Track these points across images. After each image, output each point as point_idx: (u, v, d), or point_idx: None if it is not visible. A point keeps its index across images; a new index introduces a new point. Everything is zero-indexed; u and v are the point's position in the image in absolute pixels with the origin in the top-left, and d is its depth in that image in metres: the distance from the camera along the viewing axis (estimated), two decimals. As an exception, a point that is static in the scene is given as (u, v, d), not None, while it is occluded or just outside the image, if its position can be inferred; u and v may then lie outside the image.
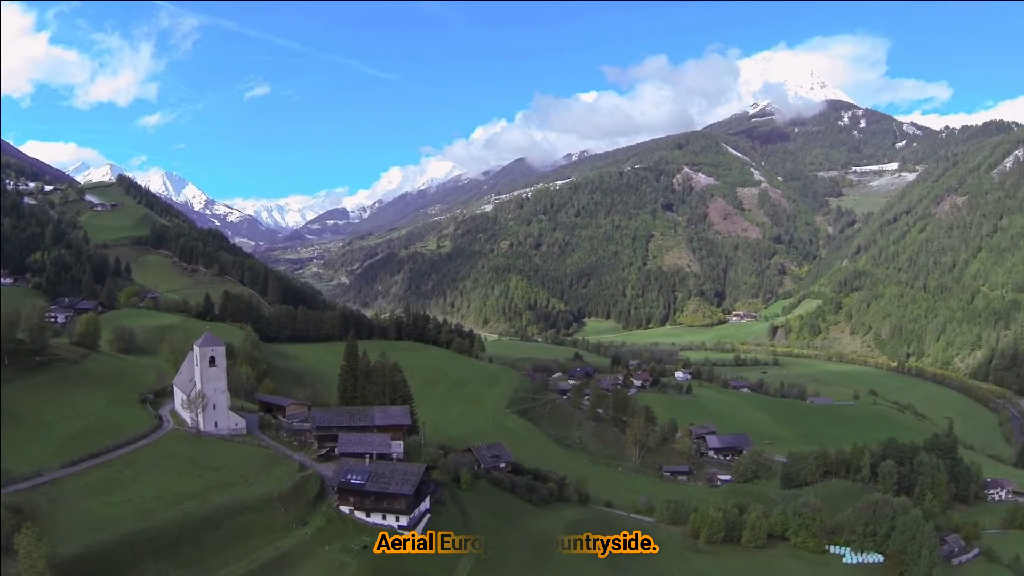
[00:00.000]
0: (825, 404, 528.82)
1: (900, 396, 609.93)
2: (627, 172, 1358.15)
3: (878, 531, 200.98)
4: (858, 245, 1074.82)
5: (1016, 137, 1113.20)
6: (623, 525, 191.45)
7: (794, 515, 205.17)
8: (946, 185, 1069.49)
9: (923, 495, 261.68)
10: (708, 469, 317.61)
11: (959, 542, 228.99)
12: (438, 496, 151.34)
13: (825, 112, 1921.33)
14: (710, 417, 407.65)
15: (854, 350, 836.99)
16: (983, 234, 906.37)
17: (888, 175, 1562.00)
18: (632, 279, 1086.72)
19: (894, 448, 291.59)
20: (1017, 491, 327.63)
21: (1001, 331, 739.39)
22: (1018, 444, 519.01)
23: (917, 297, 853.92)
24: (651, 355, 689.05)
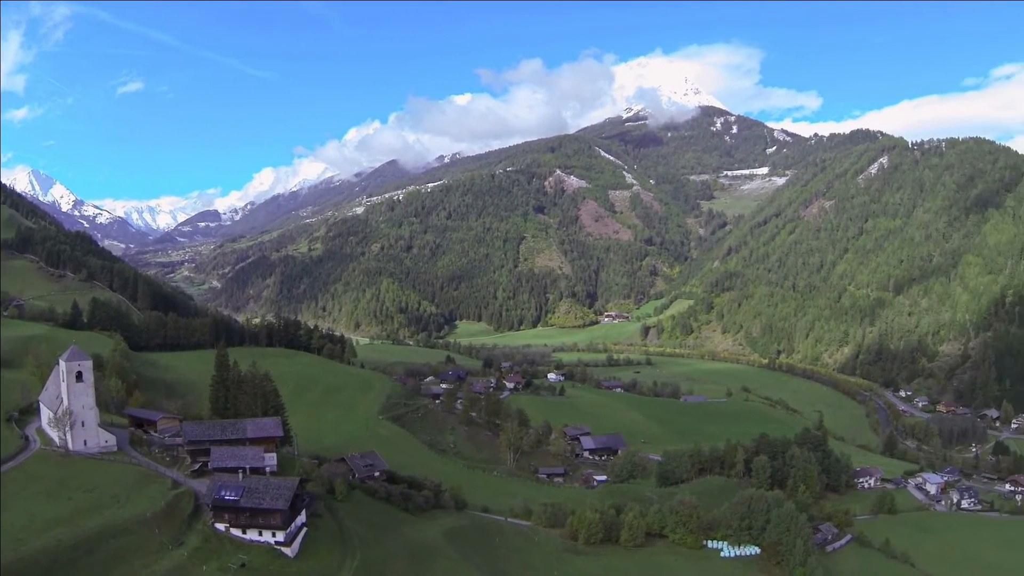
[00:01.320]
0: (699, 402, 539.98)
1: (772, 392, 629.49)
2: (499, 175, 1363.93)
3: (754, 524, 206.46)
4: (729, 247, 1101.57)
5: (881, 145, 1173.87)
6: (501, 530, 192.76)
7: (671, 513, 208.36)
8: (814, 189, 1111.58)
9: (796, 487, 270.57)
10: (584, 470, 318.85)
11: (832, 530, 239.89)
12: (314, 509, 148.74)
13: (698, 118, 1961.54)
14: (584, 418, 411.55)
15: (726, 348, 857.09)
16: (849, 236, 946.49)
17: (759, 179, 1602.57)
18: (503, 281, 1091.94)
19: (767, 443, 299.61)
20: (885, 478, 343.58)
21: (867, 327, 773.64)
22: (884, 434, 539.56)
23: (787, 296, 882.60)
24: (523, 357, 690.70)
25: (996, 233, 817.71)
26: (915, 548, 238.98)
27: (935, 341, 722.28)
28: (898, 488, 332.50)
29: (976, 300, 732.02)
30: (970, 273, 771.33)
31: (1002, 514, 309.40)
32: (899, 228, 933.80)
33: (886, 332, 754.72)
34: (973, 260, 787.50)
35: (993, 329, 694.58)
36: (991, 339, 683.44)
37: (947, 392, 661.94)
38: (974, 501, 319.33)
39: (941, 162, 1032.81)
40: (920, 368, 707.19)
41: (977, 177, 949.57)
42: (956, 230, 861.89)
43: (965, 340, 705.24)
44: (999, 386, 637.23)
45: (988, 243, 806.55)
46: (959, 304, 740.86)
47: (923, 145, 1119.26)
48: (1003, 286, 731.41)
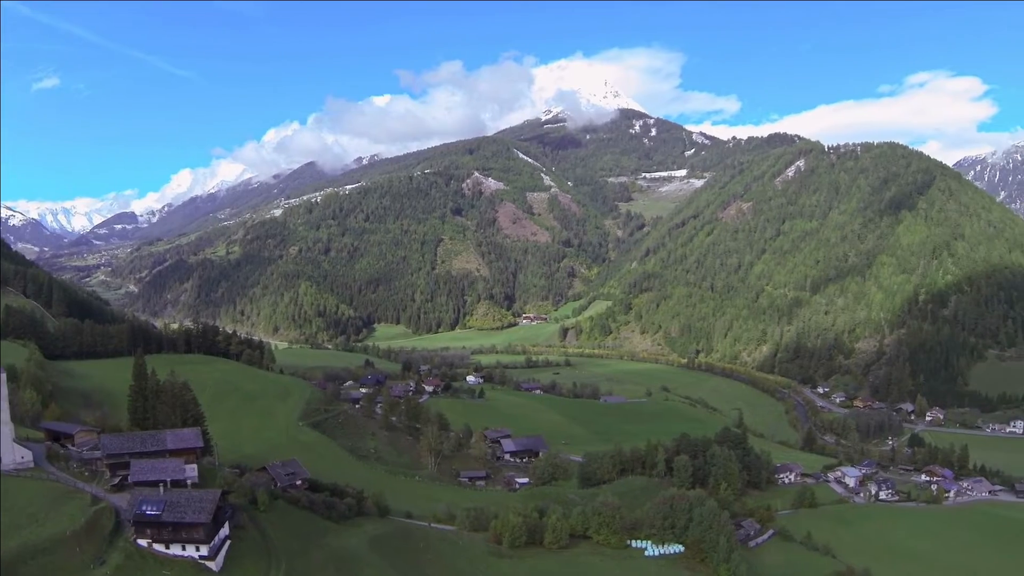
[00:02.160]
0: (618, 402, 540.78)
1: (691, 391, 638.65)
2: (417, 177, 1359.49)
3: (677, 523, 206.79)
4: (647, 248, 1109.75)
5: (798, 149, 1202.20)
6: (425, 536, 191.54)
7: (594, 514, 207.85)
8: (732, 192, 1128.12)
9: (718, 485, 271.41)
10: (505, 473, 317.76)
11: (754, 526, 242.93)
12: (237, 520, 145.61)
13: (617, 120, 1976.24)
14: (504, 420, 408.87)
15: (645, 349, 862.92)
16: (767, 238, 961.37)
17: (677, 181, 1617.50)
18: (421, 284, 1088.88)
19: (687, 443, 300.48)
20: (805, 473, 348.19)
21: (784, 326, 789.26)
22: (803, 429, 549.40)
23: (705, 297, 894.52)
24: (442, 360, 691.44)
25: (909, 234, 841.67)
26: (836, 540, 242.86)
27: (851, 339, 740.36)
28: (818, 482, 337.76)
29: (890, 299, 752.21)
30: (884, 273, 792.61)
31: (919, 503, 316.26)
32: (815, 229, 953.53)
33: (803, 331, 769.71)
34: (887, 260, 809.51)
35: (907, 326, 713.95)
36: (905, 336, 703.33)
37: (864, 388, 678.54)
38: (891, 492, 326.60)
39: (856, 165, 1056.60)
40: (837, 365, 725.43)
41: (891, 180, 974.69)
42: (871, 231, 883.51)
43: (880, 337, 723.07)
44: (913, 381, 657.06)
45: (902, 244, 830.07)
46: (874, 303, 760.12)
47: (839, 149, 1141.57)
48: (916, 285, 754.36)
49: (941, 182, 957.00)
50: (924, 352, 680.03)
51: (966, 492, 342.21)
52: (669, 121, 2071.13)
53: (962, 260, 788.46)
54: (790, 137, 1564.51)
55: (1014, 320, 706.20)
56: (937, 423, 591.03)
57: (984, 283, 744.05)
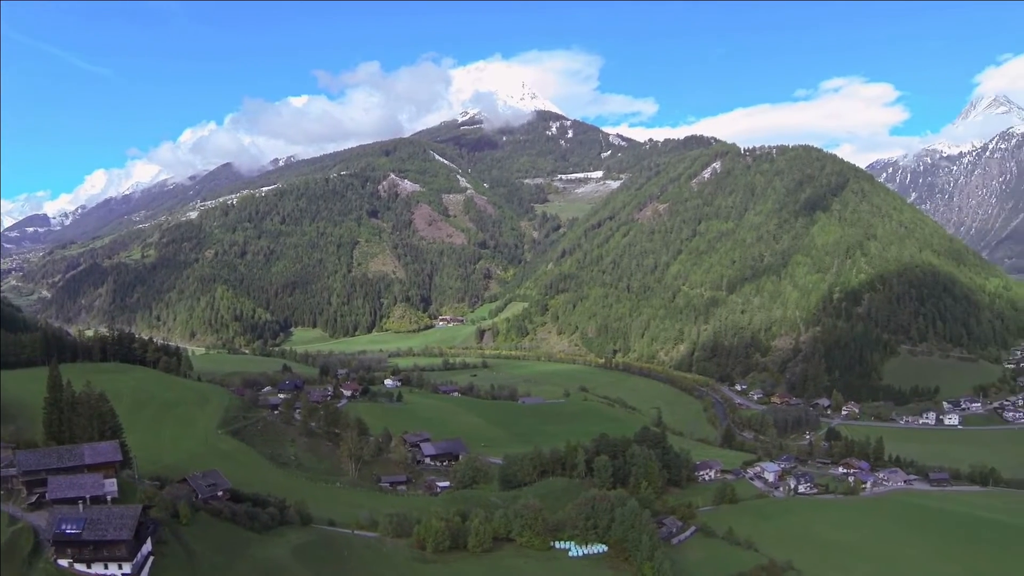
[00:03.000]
0: (537, 403, 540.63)
1: (610, 391, 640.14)
2: (333, 179, 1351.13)
3: (599, 523, 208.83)
4: (563, 249, 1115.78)
5: (714, 151, 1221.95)
6: (348, 543, 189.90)
7: (516, 517, 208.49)
8: (648, 193, 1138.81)
9: (638, 484, 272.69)
10: (426, 477, 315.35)
11: (676, 523, 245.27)
12: (159, 536, 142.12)
13: (534, 122, 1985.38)
14: (423, 424, 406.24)
15: (562, 349, 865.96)
16: (683, 238, 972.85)
17: (593, 183, 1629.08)
18: (337, 287, 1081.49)
19: (607, 443, 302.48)
20: (724, 470, 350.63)
21: (701, 326, 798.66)
22: (722, 427, 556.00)
23: (621, 297, 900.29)
24: (360, 363, 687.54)
25: (823, 234, 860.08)
26: (758, 534, 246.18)
27: (768, 337, 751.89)
28: (738, 478, 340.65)
29: (805, 297, 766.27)
30: (799, 272, 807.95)
31: (837, 495, 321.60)
32: (731, 230, 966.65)
33: (720, 330, 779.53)
34: (802, 260, 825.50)
35: (822, 324, 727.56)
36: (820, 333, 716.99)
37: (780, 384, 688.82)
38: (810, 485, 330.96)
39: (772, 168, 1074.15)
40: (754, 363, 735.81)
41: (806, 182, 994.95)
42: (786, 232, 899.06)
43: (796, 335, 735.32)
44: (829, 377, 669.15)
45: (816, 244, 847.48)
46: (789, 301, 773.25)
47: (755, 151, 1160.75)
48: (830, 284, 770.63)
49: (854, 184, 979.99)
50: (839, 349, 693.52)
51: (882, 483, 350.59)
52: (586, 123, 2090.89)
53: (875, 259, 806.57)
54: (707, 139, 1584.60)
55: (925, 316, 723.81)
56: (853, 417, 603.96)
57: (896, 281, 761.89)
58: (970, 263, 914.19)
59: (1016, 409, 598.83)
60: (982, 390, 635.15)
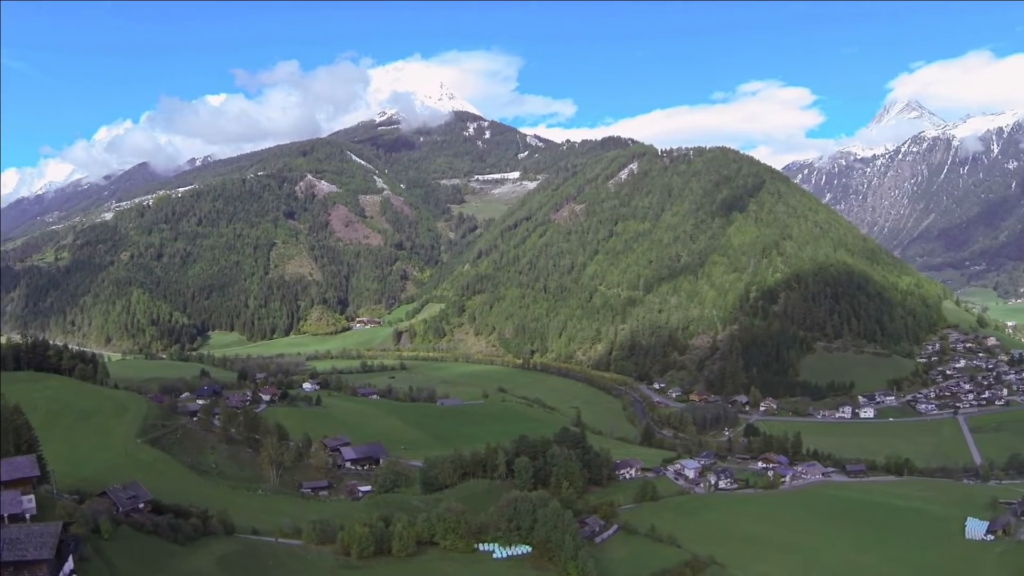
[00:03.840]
0: (455, 405, 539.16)
1: (528, 391, 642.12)
2: (250, 179, 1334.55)
3: (522, 525, 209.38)
4: (480, 250, 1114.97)
5: (632, 152, 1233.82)
6: (273, 552, 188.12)
7: (439, 520, 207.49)
8: (565, 194, 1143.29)
9: (559, 484, 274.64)
10: (348, 481, 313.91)
11: (599, 522, 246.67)
12: (81, 553, 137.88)
13: (451, 123, 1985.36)
14: (343, 427, 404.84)
15: (480, 350, 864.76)
16: (599, 238, 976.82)
17: (510, 183, 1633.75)
18: (255, 289, 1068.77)
19: (526, 444, 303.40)
20: (645, 468, 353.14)
21: (619, 325, 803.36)
22: (641, 425, 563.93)
23: (538, 298, 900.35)
24: (278, 367, 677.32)
25: (740, 235, 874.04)
26: (680, 530, 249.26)
27: (685, 335, 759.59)
28: (658, 476, 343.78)
29: (723, 296, 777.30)
30: (716, 272, 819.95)
31: (757, 490, 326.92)
32: (648, 231, 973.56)
33: (638, 329, 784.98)
34: (719, 260, 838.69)
35: (739, 322, 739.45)
36: (738, 331, 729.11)
37: (699, 382, 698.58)
38: (730, 481, 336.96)
39: (689, 169, 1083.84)
40: (672, 361, 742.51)
41: (723, 183, 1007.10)
42: (703, 232, 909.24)
43: (714, 333, 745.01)
44: (747, 374, 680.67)
45: (733, 244, 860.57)
46: (707, 300, 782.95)
47: (672, 153, 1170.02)
48: (747, 283, 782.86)
49: (771, 185, 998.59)
50: (756, 346, 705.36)
51: (801, 476, 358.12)
52: (503, 124, 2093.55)
53: (791, 259, 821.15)
54: (624, 140, 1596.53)
55: (839, 314, 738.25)
56: (771, 413, 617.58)
57: (811, 280, 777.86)
58: (883, 262, 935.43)
59: (928, 401, 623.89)
60: (896, 384, 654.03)
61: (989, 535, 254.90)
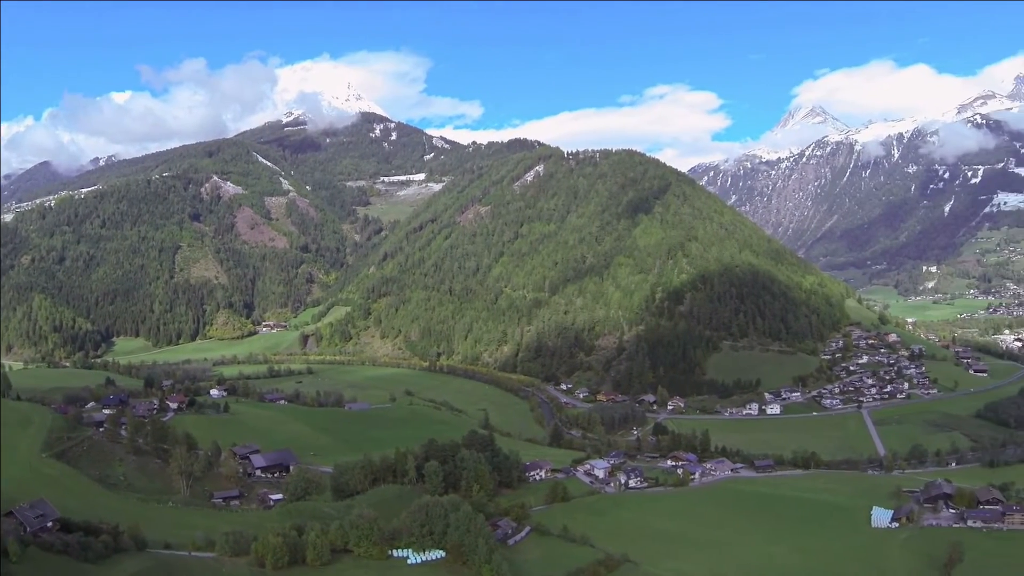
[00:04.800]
0: (363, 409, 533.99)
1: (436, 394, 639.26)
2: (155, 180, 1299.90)
3: (435, 530, 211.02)
4: (385, 252, 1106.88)
5: (537, 154, 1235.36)
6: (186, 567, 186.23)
7: (352, 527, 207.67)
8: (471, 195, 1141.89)
9: (470, 488, 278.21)
10: (259, 490, 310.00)
11: (511, 524, 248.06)
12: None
13: (358, 124, 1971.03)
14: (252, 435, 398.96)
15: (386, 353, 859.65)
16: (505, 240, 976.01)
17: (415, 185, 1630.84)
18: (160, 294, 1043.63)
19: (436, 448, 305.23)
20: (555, 469, 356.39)
21: (525, 327, 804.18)
22: (549, 426, 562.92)
23: (444, 300, 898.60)
24: (184, 373, 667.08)
25: (645, 236, 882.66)
26: (592, 529, 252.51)
27: (591, 336, 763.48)
28: (569, 476, 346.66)
29: (628, 297, 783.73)
30: (622, 273, 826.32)
31: (667, 488, 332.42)
32: (554, 232, 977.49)
33: (544, 330, 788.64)
34: (624, 261, 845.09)
35: (645, 323, 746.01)
36: (644, 332, 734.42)
37: (606, 382, 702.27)
38: (640, 479, 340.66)
39: (595, 171, 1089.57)
40: (579, 362, 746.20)
41: (628, 186, 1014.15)
42: (608, 234, 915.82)
43: (620, 334, 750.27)
44: (653, 373, 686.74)
45: (638, 245, 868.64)
46: (612, 301, 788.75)
47: (578, 155, 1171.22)
48: (652, 284, 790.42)
49: (676, 187, 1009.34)
50: (663, 346, 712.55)
51: (710, 473, 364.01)
52: (410, 125, 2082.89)
53: (696, 260, 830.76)
54: (530, 143, 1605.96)
55: (745, 313, 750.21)
56: (679, 411, 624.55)
57: (717, 280, 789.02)
58: (788, 262, 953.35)
59: (833, 396, 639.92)
60: (801, 380, 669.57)
61: (894, 523, 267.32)
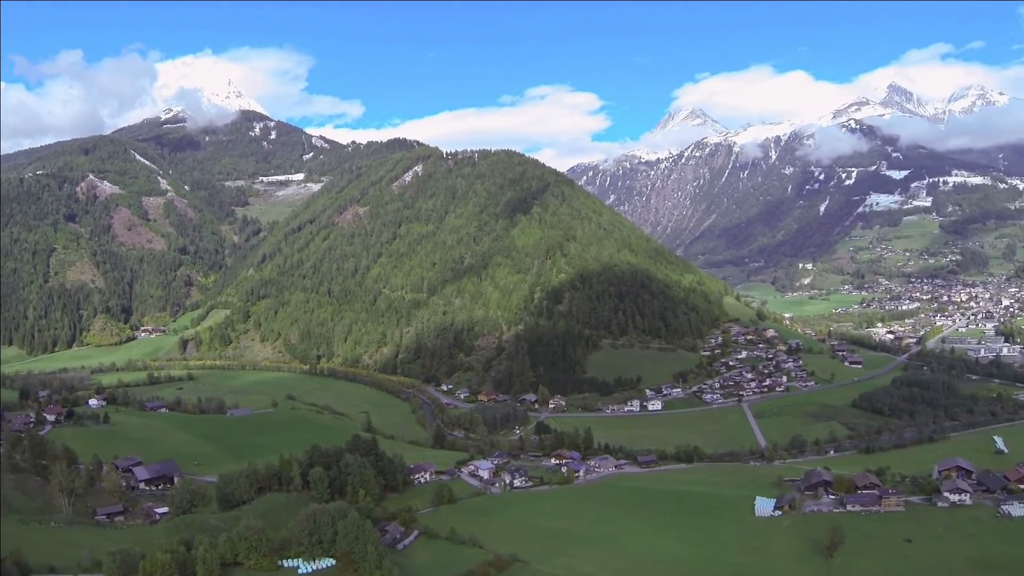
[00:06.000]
0: (245, 415, 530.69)
1: (317, 397, 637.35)
2: (28, 179, 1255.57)
3: (323, 538, 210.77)
4: (264, 254, 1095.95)
5: (417, 154, 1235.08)
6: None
7: (240, 539, 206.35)
8: (349, 196, 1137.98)
9: (356, 493, 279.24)
10: (143, 504, 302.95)
11: (399, 529, 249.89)
12: None
13: (238, 122, 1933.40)
14: (134, 445, 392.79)
15: (266, 357, 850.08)
16: (383, 241, 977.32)
17: (294, 185, 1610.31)
18: (34, 299, 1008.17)
19: (320, 454, 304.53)
20: (439, 471, 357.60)
21: (404, 328, 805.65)
22: (432, 427, 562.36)
23: (323, 302, 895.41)
24: (61, 383, 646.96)
25: (524, 236, 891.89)
26: (480, 530, 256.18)
27: (471, 336, 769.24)
28: (453, 478, 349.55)
29: (507, 297, 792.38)
30: (500, 273, 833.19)
31: (552, 486, 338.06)
32: (432, 233, 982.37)
33: (423, 331, 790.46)
34: (503, 261, 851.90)
35: (524, 322, 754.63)
36: (523, 331, 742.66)
37: (487, 382, 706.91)
38: (525, 479, 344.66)
39: (474, 171, 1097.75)
40: (459, 362, 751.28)
41: (507, 186, 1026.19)
42: (487, 234, 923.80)
43: (499, 334, 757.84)
44: (534, 373, 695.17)
45: (517, 246, 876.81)
46: (491, 301, 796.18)
47: (457, 155, 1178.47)
48: (531, 284, 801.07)
49: (555, 188, 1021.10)
50: (542, 345, 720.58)
51: (594, 470, 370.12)
52: (290, 124, 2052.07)
53: (575, 260, 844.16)
54: (410, 143, 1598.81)
55: (624, 312, 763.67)
56: (560, 410, 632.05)
57: (596, 280, 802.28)
58: (667, 261, 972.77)
59: (713, 391, 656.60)
60: (681, 376, 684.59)
61: (777, 511, 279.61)
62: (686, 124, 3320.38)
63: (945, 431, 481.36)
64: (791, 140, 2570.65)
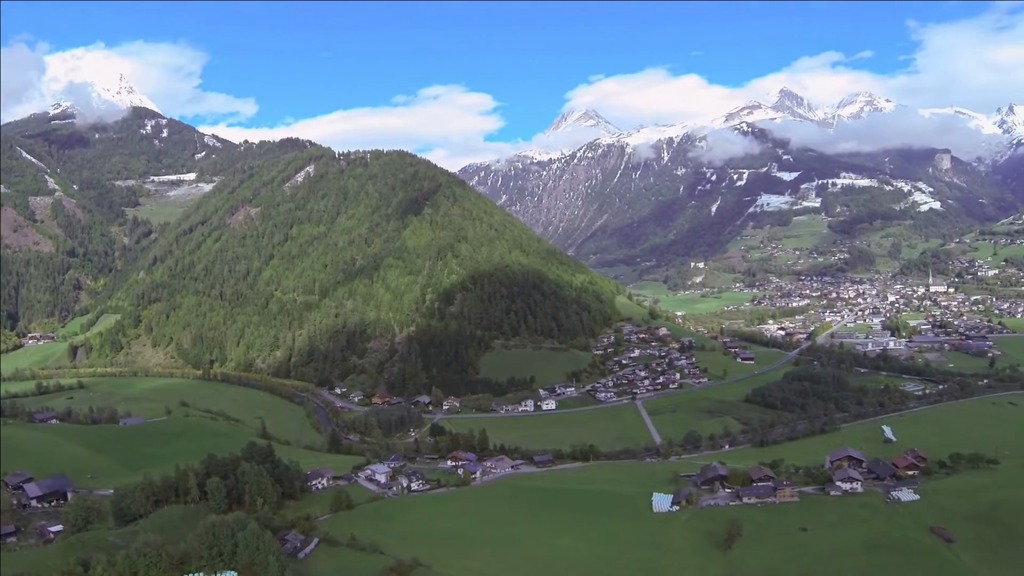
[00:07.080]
0: (138, 424, 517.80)
1: (211, 403, 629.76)
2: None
3: (223, 551, 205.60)
4: (155, 256, 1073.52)
5: (309, 155, 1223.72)
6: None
7: (140, 556, 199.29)
8: (241, 197, 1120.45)
9: (254, 503, 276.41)
10: (36, 522, 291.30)
11: (299, 537, 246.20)
12: None
13: (129, 119, 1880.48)
14: (24, 460, 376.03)
15: (159, 363, 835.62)
16: (275, 243, 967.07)
17: (186, 185, 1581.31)
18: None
19: (216, 463, 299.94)
20: (336, 476, 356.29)
21: (296, 331, 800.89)
22: (327, 432, 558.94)
23: (215, 305, 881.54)
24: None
25: (415, 238, 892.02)
26: (380, 536, 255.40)
27: (363, 339, 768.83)
28: (351, 483, 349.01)
29: (399, 299, 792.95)
30: (392, 275, 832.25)
31: (450, 488, 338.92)
32: (323, 234, 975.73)
33: (315, 334, 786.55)
34: (394, 263, 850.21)
35: (416, 324, 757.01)
36: (415, 333, 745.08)
37: (380, 385, 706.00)
38: (422, 482, 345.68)
39: (366, 172, 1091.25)
40: (352, 365, 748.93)
41: (399, 187, 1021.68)
42: (378, 236, 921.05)
43: (391, 336, 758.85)
44: (427, 374, 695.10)
45: (408, 247, 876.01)
46: (383, 303, 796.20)
47: (349, 156, 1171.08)
48: (423, 285, 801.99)
49: (446, 189, 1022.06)
50: (435, 347, 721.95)
51: (491, 471, 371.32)
52: (182, 122, 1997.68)
53: (466, 260, 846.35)
54: (302, 142, 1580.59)
55: (516, 313, 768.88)
56: (455, 411, 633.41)
57: (487, 281, 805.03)
58: (559, 261, 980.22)
59: (607, 390, 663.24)
60: (575, 376, 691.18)
61: (675, 506, 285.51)
62: (579, 125, 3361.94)
63: (836, 423, 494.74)
64: (684, 142, 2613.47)
